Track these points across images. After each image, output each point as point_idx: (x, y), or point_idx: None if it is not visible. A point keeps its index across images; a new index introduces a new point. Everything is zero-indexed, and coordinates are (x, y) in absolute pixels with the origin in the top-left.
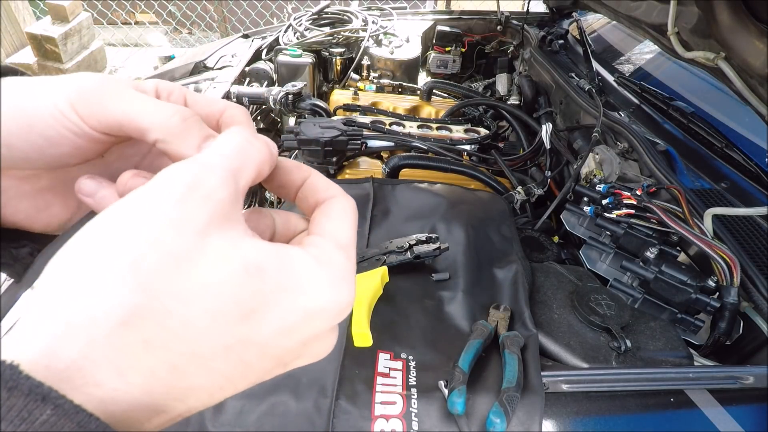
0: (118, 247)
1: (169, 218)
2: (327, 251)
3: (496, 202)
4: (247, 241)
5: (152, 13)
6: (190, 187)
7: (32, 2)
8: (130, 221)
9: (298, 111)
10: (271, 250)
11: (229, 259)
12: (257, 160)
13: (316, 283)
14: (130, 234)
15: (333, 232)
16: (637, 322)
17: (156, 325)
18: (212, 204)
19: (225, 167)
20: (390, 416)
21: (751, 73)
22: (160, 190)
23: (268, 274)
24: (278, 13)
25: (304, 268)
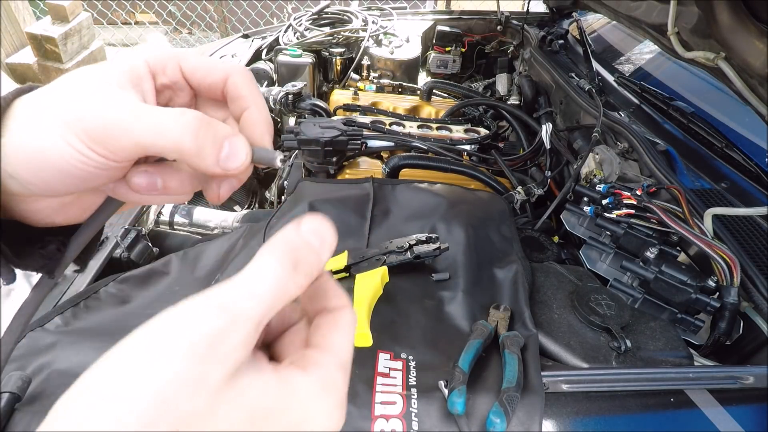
0: (127, 405)
1: (185, 379)
2: (331, 373)
3: (496, 202)
4: (255, 383)
5: (152, 13)
6: (211, 344)
7: (32, 2)
8: (144, 376)
9: (298, 111)
10: (278, 387)
11: (238, 409)
12: (293, 295)
13: (321, 413)
14: (143, 391)
15: (337, 349)
16: (637, 322)
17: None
18: (231, 362)
19: (254, 318)
20: (390, 416)
21: (751, 73)
22: (179, 341)
23: (275, 416)
24: (278, 13)
25: (310, 399)
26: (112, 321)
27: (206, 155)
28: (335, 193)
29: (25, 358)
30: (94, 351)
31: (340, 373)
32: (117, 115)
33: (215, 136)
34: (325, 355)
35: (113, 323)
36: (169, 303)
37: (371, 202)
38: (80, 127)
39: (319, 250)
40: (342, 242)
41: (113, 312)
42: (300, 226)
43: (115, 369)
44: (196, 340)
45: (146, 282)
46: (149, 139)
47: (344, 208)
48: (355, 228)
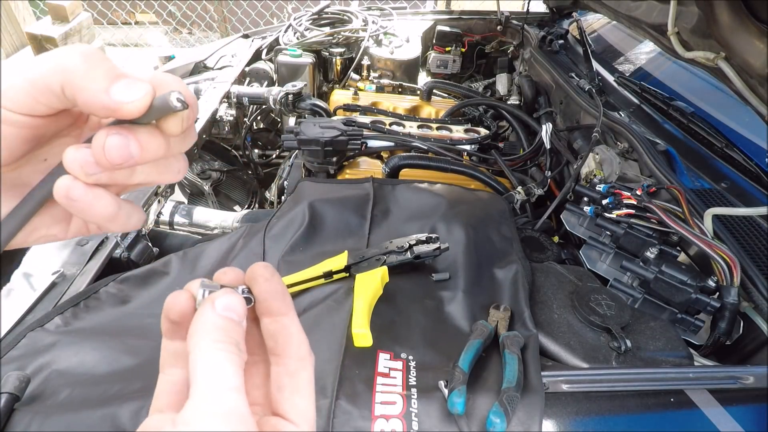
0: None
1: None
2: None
3: (496, 202)
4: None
5: (152, 13)
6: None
7: (32, 2)
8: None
9: (298, 111)
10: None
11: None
12: (244, 361)
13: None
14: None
15: (305, 416)
16: (637, 322)
17: None
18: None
19: (246, 406)
20: (390, 416)
21: (751, 73)
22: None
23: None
24: (278, 13)
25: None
26: (112, 321)
27: (95, 78)
28: (335, 193)
29: (25, 358)
30: (94, 351)
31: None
32: (12, 64)
33: (111, 68)
34: (295, 427)
35: (113, 323)
36: None
37: (371, 202)
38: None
39: (238, 321)
40: (342, 242)
41: (113, 312)
42: (214, 304)
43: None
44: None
45: (146, 282)
46: (37, 70)
47: (344, 208)
48: (355, 228)
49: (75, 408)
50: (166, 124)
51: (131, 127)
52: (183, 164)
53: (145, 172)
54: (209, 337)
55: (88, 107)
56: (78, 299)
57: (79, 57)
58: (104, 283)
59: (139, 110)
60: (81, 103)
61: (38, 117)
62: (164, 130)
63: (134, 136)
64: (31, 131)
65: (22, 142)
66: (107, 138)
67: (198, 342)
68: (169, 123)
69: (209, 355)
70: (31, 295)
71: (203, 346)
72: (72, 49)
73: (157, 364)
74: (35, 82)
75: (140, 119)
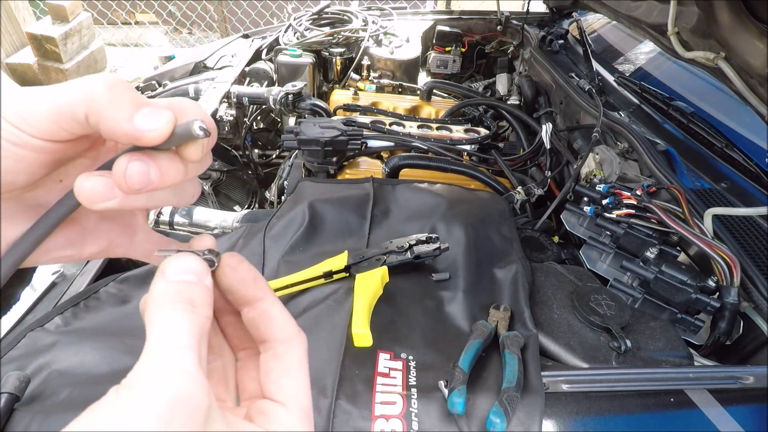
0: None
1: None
2: (295, 428)
3: (496, 202)
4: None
5: (152, 13)
6: (174, 406)
7: (32, 2)
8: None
9: (298, 111)
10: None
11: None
12: (207, 328)
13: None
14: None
15: (296, 397)
16: (637, 322)
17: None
18: (198, 415)
19: (195, 363)
20: (390, 416)
21: (751, 73)
22: (144, 413)
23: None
24: (278, 13)
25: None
26: (112, 321)
27: (120, 107)
28: (335, 193)
29: (25, 358)
30: (94, 351)
31: (303, 423)
32: (34, 90)
33: (135, 98)
34: (285, 412)
35: (113, 323)
36: None
37: (371, 202)
38: (7, 111)
39: (198, 281)
40: (342, 242)
41: (113, 312)
42: (165, 274)
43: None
44: (159, 411)
45: (146, 282)
46: (61, 97)
47: (344, 208)
48: (355, 228)
49: (75, 408)
50: (186, 150)
51: (151, 153)
52: (197, 188)
53: (161, 197)
54: (160, 301)
55: (111, 135)
56: (78, 299)
57: (104, 86)
58: (104, 283)
59: (161, 138)
60: (104, 130)
61: (59, 142)
62: (184, 156)
63: (155, 163)
64: (50, 156)
65: (40, 166)
66: (129, 164)
67: (150, 309)
68: (189, 150)
69: (160, 316)
70: (31, 295)
71: (154, 310)
72: (97, 78)
73: None
74: (59, 109)
75: (161, 145)
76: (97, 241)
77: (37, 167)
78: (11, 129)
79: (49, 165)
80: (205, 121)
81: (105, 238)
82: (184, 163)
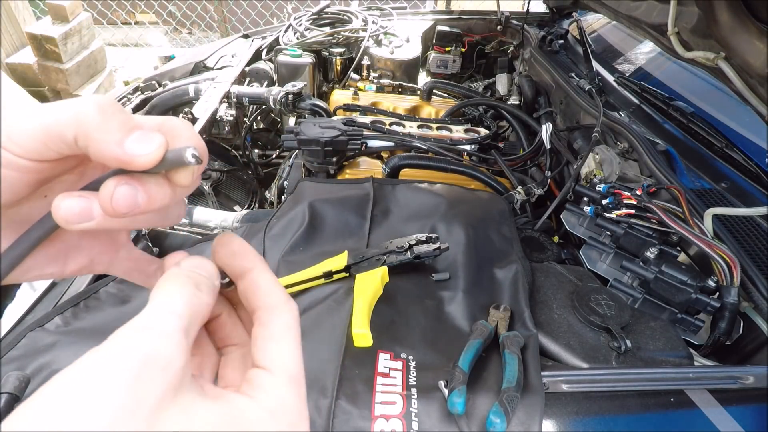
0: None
1: (124, 401)
2: (279, 395)
3: (496, 202)
4: (199, 407)
5: (152, 13)
6: (146, 361)
7: (32, 2)
8: (83, 405)
9: (298, 111)
10: (224, 414)
11: (181, 428)
12: (204, 313)
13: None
14: (83, 421)
15: (281, 362)
16: (637, 322)
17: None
18: (169, 375)
19: (179, 329)
20: (390, 416)
21: (751, 73)
22: (114, 365)
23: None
24: (278, 13)
25: (259, 427)
26: (112, 321)
27: (110, 130)
28: (335, 193)
29: (25, 358)
30: None
31: (289, 389)
32: (22, 109)
33: (126, 121)
34: (269, 376)
35: (113, 323)
36: None
37: (371, 202)
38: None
39: (208, 276)
40: (342, 242)
41: (113, 312)
42: (180, 264)
43: (53, 405)
44: (129, 364)
45: None
46: (50, 117)
47: (344, 208)
48: (355, 228)
49: None
50: (176, 175)
51: (140, 176)
52: (182, 210)
53: (144, 219)
54: (167, 277)
55: (100, 158)
56: (78, 299)
57: (95, 107)
58: (104, 283)
59: (152, 163)
60: (93, 154)
61: (45, 162)
62: (173, 180)
63: (142, 187)
64: (36, 176)
65: (25, 186)
66: (116, 188)
67: (156, 285)
68: (179, 175)
69: (162, 288)
70: (31, 295)
71: (159, 285)
72: (87, 100)
73: None
74: (48, 130)
75: (150, 170)
76: (78, 258)
77: (21, 187)
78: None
79: (33, 184)
80: (198, 147)
81: (86, 256)
82: (173, 187)
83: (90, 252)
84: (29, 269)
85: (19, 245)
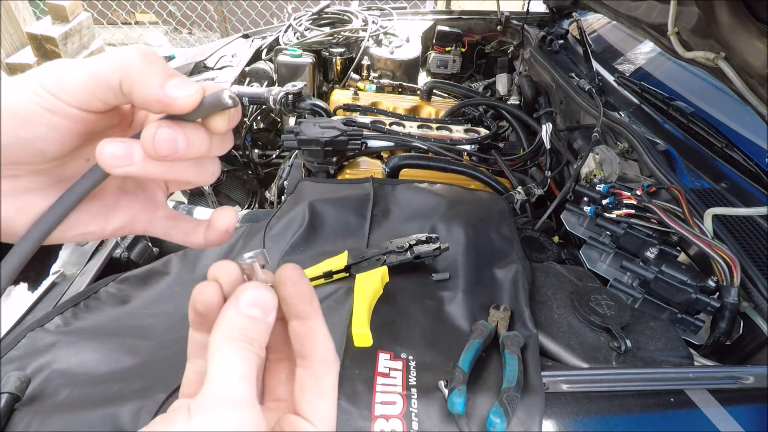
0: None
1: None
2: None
3: (496, 202)
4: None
5: (152, 13)
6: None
7: (32, 2)
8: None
9: (298, 111)
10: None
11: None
12: (260, 360)
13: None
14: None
15: (327, 419)
16: (637, 322)
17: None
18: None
19: (252, 392)
20: (390, 416)
21: (751, 73)
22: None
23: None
24: (278, 13)
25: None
26: (111, 321)
27: (152, 74)
28: (335, 193)
29: (25, 358)
30: (94, 351)
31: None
32: (71, 61)
33: (166, 68)
34: (314, 429)
35: (113, 323)
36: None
37: (371, 202)
38: (42, 71)
39: (263, 318)
40: (342, 242)
41: (113, 312)
42: (238, 302)
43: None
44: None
45: (146, 282)
46: (97, 65)
47: (344, 208)
48: (355, 228)
49: (75, 408)
50: (213, 121)
51: (179, 122)
52: (217, 167)
53: (181, 169)
54: (226, 334)
55: (143, 101)
56: (78, 299)
57: (138, 55)
58: (104, 283)
59: (191, 105)
60: (136, 96)
61: (92, 112)
62: (210, 127)
63: (182, 131)
64: (82, 126)
65: (73, 136)
66: (157, 130)
67: (217, 338)
68: (216, 120)
69: (223, 349)
70: (31, 295)
71: (219, 341)
72: (131, 48)
73: (157, 364)
74: (95, 76)
75: (188, 116)
76: (119, 216)
77: (69, 137)
78: (48, 96)
79: (80, 136)
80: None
81: (126, 214)
82: (209, 135)
83: (130, 210)
84: (72, 226)
85: (67, 196)
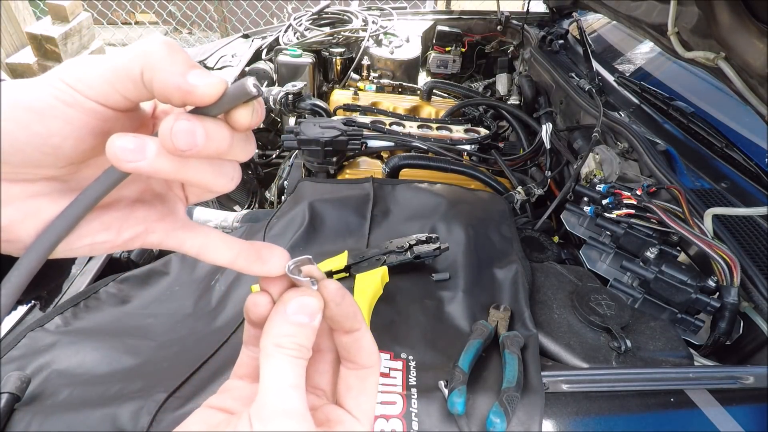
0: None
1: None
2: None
3: (496, 202)
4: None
5: (152, 13)
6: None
7: (32, 2)
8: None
9: (298, 111)
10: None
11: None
12: (307, 361)
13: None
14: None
15: (369, 414)
16: (637, 322)
17: None
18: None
19: (304, 401)
20: (390, 416)
21: (751, 73)
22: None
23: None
24: (278, 13)
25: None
26: (112, 321)
27: (174, 62)
28: (335, 193)
29: (25, 358)
30: (94, 351)
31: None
32: (93, 56)
33: (189, 58)
34: (359, 426)
35: (113, 323)
36: (169, 303)
37: (371, 202)
38: (62, 66)
39: (309, 322)
40: (342, 242)
41: (113, 312)
42: (286, 310)
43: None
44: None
45: (146, 282)
46: (118, 58)
47: (344, 208)
48: (355, 228)
49: (75, 408)
50: (236, 114)
51: (199, 116)
52: (238, 172)
53: (199, 169)
54: (277, 342)
55: (163, 89)
56: (78, 299)
57: (161, 44)
58: (104, 283)
59: (213, 96)
60: (157, 85)
61: (110, 108)
62: (233, 121)
63: (202, 124)
64: (99, 123)
65: (89, 133)
66: (176, 122)
67: (267, 345)
68: (240, 113)
69: (275, 357)
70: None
71: (270, 349)
72: (154, 38)
73: (157, 365)
74: (116, 67)
75: (210, 110)
76: (133, 226)
77: (85, 133)
78: (65, 88)
79: (95, 135)
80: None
81: (141, 223)
82: (231, 132)
83: (145, 219)
84: (81, 236)
85: (80, 200)
